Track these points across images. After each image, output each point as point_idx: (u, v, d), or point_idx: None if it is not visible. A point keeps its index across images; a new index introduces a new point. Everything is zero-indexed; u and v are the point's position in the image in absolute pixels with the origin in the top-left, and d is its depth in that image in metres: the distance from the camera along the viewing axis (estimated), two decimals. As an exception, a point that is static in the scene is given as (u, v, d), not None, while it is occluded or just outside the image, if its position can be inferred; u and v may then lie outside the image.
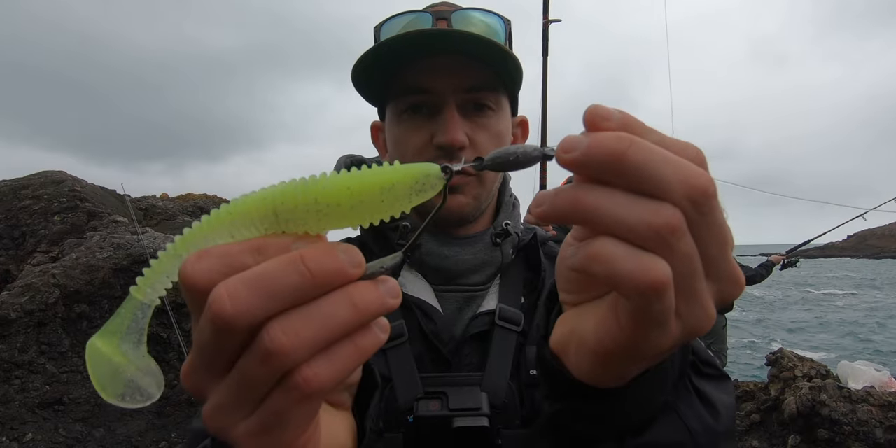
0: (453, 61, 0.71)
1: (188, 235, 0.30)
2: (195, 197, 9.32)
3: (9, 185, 6.30)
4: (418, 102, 0.73)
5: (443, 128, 0.70)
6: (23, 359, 4.23)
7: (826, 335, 14.96)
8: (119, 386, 0.32)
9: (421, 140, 0.73)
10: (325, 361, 0.28)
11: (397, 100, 0.75)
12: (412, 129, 0.73)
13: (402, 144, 0.74)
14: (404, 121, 0.74)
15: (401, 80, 0.73)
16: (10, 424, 3.95)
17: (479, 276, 0.76)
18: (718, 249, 0.28)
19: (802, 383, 3.90)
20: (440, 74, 0.71)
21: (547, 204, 0.29)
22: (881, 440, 3.38)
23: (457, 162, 0.33)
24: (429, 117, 0.73)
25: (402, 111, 0.74)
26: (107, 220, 5.76)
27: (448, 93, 0.71)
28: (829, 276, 43.19)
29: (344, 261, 0.28)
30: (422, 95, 0.72)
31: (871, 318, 17.89)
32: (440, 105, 0.72)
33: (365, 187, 0.29)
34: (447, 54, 0.70)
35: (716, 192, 0.27)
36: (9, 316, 4.17)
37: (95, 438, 4.21)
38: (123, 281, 4.88)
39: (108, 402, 0.32)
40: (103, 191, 7.11)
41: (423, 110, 0.73)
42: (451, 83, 0.71)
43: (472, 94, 0.73)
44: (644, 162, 0.26)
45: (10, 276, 5.42)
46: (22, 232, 5.84)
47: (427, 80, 0.71)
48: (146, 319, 0.32)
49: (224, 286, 0.27)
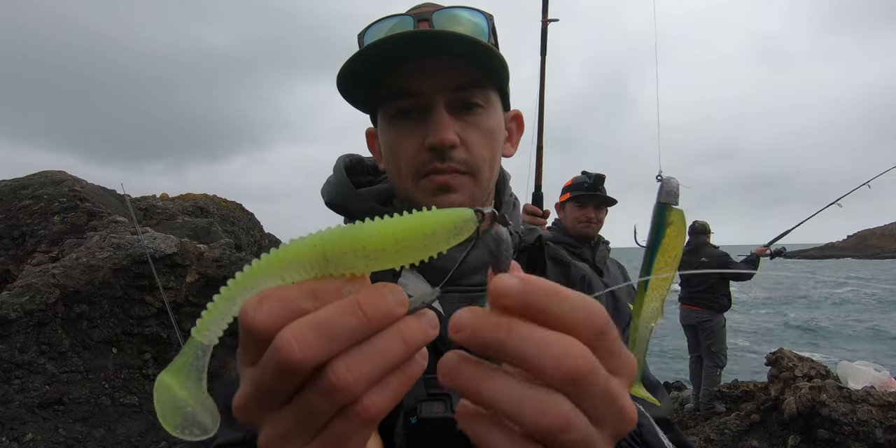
0: (438, 62, 0.71)
1: (241, 279, 0.33)
2: (195, 197, 9.32)
3: (9, 185, 6.30)
4: (407, 106, 0.73)
5: (433, 129, 0.71)
6: (23, 359, 4.23)
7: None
8: (178, 418, 0.34)
9: (413, 143, 0.73)
10: (380, 391, 0.31)
11: (386, 105, 0.75)
12: (403, 133, 0.73)
13: (396, 149, 0.74)
14: (395, 126, 0.74)
15: (388, 85, 0.73)
16: (10, 424, 3.95)
17: (480, 277, 0.76)
18: (608, 405, 0.31)
19: (802, 383, 3.91)
20: (427, 76, 0.71)
21: (449, 376, 0.32)
22: (881, 440, 3.38)
23: (486, 207, 0.36)
24: (419, 120, 0.73)
25: (392, 116, 0.74)
26: (107, 220, 5.77)
27: (436, 94, 0.71)
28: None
29: (392, 302, 0.31)
30: (410, 99, 0.72)
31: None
32: (429, 107, 0.72)
33: (408, 234, 0.32)
34: (432, 56, 0.70)
35: (592, 368, 0.29)
36: (9, 316, 4.17)
37: (95, 438, 4.21)
38: (123, 281, 4.88)
39: (108, 403, 0.34)
40: (103, 191, 7.12)
41: (412, 114, 0.73)
42: (438, 84, 0.71)
43: (460, 94, 0.73)
44: (520, 351, 0.29)
45: (10, 276, 5.42)
46: (22, 232, 5.84)
47: (414, 83, 0.71)
48: (206, 358, 0.35)
49: (290, 332, 0.30)
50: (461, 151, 0.72)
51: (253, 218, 10.18)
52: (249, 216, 10.10)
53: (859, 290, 27.34)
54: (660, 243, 0.54)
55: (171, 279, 5.07)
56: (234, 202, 10.10)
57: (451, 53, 0.71)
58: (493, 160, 0.77)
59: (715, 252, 5.54)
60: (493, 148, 0.76)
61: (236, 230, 8.79)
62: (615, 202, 2.93)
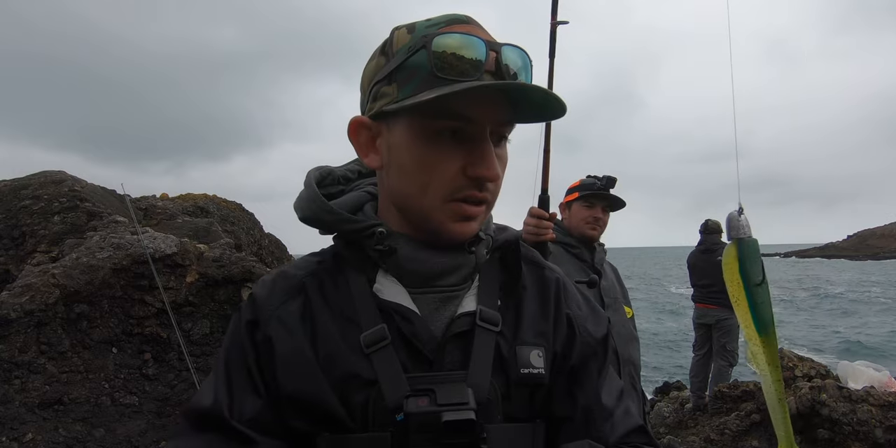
0: (501, 98, 0.71)
1: None
2: (195, 197, 9.32)
3: (9, 185, 6.31)
4: (457, 128, 0.71)
5: (480, 161, 0.70)
6: (23, 359, 4.23)
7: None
8: None
9: (452, 167, 0.71)
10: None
11: (431, 120, 0.71)
12: (444, 153, 0.72)
13: (431, 167, 0.72)
14: (434, 143, 0.72)
15: (445, 101, 0.68)
16: (10, 424, 3.95)
17: (454, 278, 0.76)
18: None
19: (802, 383, 3.91)
20: (486, 106, 0.70)
21: None
22: (881, 440, 3.38)
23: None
24: (459, 143, 0.72)
25: (437, 132, 0.71)
26: (107, 220, 5.77)
27: (487, 124, 0.71)
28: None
29: None
30: (462, 122, 0.71)
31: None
32: (476, 134, 0.71)
33: None
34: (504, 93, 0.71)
35: None
36: (9, 316, 4.17)
37: (95, 438, 4.21)
38: (123, 281, 4.88)
39: (108, 403, 0.33)
40: (103, 191, 7.12)
41: (456, 136, 0.72)
42: (492, 116, 0.71)
43: (502, 127, 0.74)
44: None
45: (10, 276, 5.42)
46: (22, 232, 5.85)
47: (473, 110, 0.70)
48: None
49: None
50: (493, 184, 0.74)
51: (253, 218, 10.18)
52: (249, 216, 10.10)
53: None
54: (753, 302, 0.54)
55: (171, 279, 5.07)
56: (234, 202, 10.10)
57: (533, 109, 0.72)
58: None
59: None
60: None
61: (236, 230, 8.79)
62: (625, 205, 2.82)
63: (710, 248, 5.64)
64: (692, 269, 5.91)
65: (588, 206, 2.72)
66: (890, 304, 24.04)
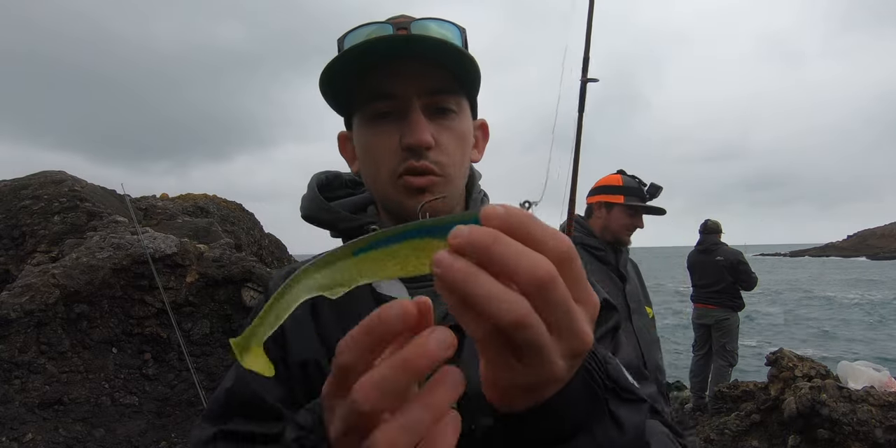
0: (416, 66, 0.75)
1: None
2: (195, 197, 9.33)
3: (9, 185, 6.31)
4: (385, 109, 0.77)
5: (409, 129, 0.75)
6: (23, 359, 4.24)
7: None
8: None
9: (390, 143, 0.77)
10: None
11: (364, 108, 0.79)
12: (381, 133, 0.78)
13: (373, 149, 0.79)
14: (372, 127, 0.79)
15: (365, 87, 0.77)
16: (10, 424, 3.95)
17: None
18: (565, 316, 0.35)
19: (802, 383, 3.91)
20: (404, 79, 0.75)
21: (442, 268, 0.34)
22: (881, 440, 3.38)
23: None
24: (396, 122, 0.77)
25: (370, 118, 0.79)
26: (107, 220, 5.77)
27: (412, 96, 0.76)
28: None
29: (437, 351, 0.35)
30: (388, 101, 0.76)
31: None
32: (406, 109, 0.76)
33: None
34: (410, 59, 0.75)
35: (554, 279, 0.34)
36: (9, 316, 4.17)
37: (95, 438, 4.21)
38: (123, 281, 4.88)
39: (108, 403, 0.35)
40: (103, 191, 7.12)
41: (390, 116, 0.77)
42: (414, 87, 0.76)
43: (434, 97, 0.77)
44: (502, 255, 0.33)
45: (10, 276, 5.42)
46: (22, 232, 5.85)
47: (392, 85, 0.76)
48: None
49: (360, 387, 0.35)
50: (436, 153, 0.76)
51: (253, 218, 10.19)
52: (249, 216, 10.11)
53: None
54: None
55: (171, 279, 5.07)
56: (235, 202, 10.10)
57: (429, 57, 0.75)
58: (463, 162, 0.83)
59: (729, 250, 5.55)
60: (464, 151, 0.82)
61: (236, 230, 8.79)
62: (665, 213, 2.74)
63: (708, 248, 5.64)
64: (691, 269, 5.92)
65: (632, 214, 2.62)
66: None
